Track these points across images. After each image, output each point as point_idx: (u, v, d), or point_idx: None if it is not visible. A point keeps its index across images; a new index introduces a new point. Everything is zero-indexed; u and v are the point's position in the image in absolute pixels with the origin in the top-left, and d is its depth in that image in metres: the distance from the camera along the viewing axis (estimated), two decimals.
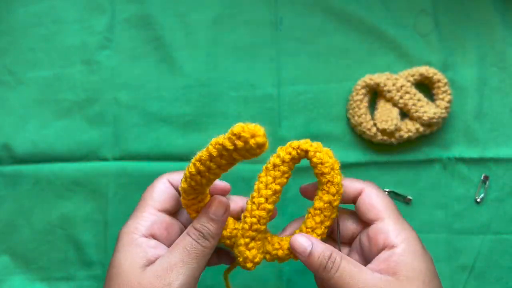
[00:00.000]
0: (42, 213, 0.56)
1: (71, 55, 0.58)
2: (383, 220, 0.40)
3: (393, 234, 0.39)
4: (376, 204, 0.41)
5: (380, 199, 0.41)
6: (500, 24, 0.58)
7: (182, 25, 0.59)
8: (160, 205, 0.42)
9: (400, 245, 0.38)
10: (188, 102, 0.58)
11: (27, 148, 0.57)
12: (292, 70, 0.58)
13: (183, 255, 0.38)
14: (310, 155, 0.42)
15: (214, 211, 0.40)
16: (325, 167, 0.41)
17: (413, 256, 0.38)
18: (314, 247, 0.39)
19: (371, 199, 0.41)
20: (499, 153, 0.57)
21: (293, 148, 0.42)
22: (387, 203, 0.41)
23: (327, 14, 0.59)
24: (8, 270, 0.56)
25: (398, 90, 0.55)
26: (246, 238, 0.41)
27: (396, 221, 0.40)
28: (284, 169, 0.42)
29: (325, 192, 0.42)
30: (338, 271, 0.38)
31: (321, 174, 0.42)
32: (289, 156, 0.42)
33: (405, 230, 0.39)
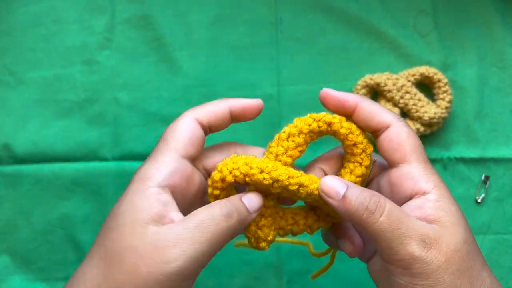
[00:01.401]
0: (42, 213, 0.56)
1: (71, 55, 0.58)
2: (410, 163, 0.35)
3: (423, 180, 0.34)
4: (404, 143, 0.35)
5: (410, 139, 0.35)
6: (500, 24, 0.58)
7: (182, 25, 0.59)
8: (185, 150, 0.35)
9: (432, 191, 0.34)
10: (188, 102, 0.58)
11: (27, 148, 0.57)
12: (292, 70, 0.58)
13: (195, 231, 0.31)
14: (336, 127, 0.37)
15: (253, 203, 0.35)
16: (356, 136, 0.37)
17: (448, 201, 0.34)
18: (350, 189, 0.34)
19: (399, 137, 0.35)
20: (499, 153, 0.57)
21: (314, 119, 0.37)
22: (418, 144, 0.35)
23: (327, 14, 0.59)
24: (8, 270, 0.56)
25: (398, 90, 0.55)
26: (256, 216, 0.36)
27: (424, 164, 0.35)
28: (299, 140, 0.37)
29: (357, 165, 0.38)
30: (385, 214, 0.32)
31: (353, 144, 0.37)
32: (308, 128, 0.37)
33: (434, 175, 0.35)
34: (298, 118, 0.38)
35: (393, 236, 0.32)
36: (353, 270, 0.56)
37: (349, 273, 0.56)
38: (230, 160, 0.35)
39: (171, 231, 0.31)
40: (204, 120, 0.37)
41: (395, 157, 0.35)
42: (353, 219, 0.33)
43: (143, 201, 0.32)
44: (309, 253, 0.47)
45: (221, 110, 0.38)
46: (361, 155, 0.38)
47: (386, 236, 0.32)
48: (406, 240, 0.32)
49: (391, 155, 0.36)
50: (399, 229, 0.32)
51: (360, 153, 0.38)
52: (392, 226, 0.32)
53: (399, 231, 0.32)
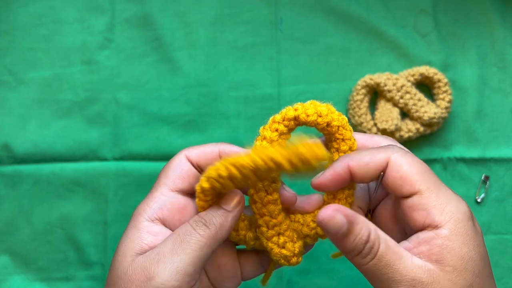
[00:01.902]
0: (42, 213, 0.56)
1: (71, 55, 0.58)
2: (421, 194, 0.32)
3: (436, 212, 0.31)
4: (408, 174, 0.32)
5: (413, 168, 0.32)
6: (500, 24, 0.58)
7: (182, 25, 0.59)
8: (174, 184, 0.36)
9: (445, 226, 0.31)
10: (188, 102, 0.58)
11: (27, 148, 0.57)
12: (292, 70, 0.58)
13: (174, 244, 0.33)
14: (302, 118, 0.36)
15: (225, 201, 0.35)
16: (326, 116, 0.36)
17: (461, 240, 0.31)
18: (350, 225, 0.31)
19: (400, 170, 0.32)
20: (500, 153, 0.57)
21: (278, 122, 0.37)
22: (422, 170, 0.33)
23: (327, 14, 0.59)
24: (8, 270, 0.56)
25: (398, 90, 0.55)
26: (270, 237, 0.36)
27: (437, 191, 0.32)
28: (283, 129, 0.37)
29: (334, 151, 0.36)
30: (375, 258, 0.31)
31: (327, 125, 0.36)
32: (277, 133, 0.36)
33: (450, 204, 0.32)
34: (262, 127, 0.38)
35: (380, 280, 0.31)
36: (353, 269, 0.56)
37: (349, 273, 0.56)
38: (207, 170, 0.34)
39: (153, 251, 0.33)
40: (194, 158, 0.38)
41: (404, 192, 0.33)
42: (345, 254, 0.33)
43: (135, 234, 0.35)
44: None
45: (212, 154, 0.38)
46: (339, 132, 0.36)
47: (373, 279, 0.32)
48: (393, 285, 0.31)
49: (400, 191, 0.33)
50: (387, 274, 0.31)
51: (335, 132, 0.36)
52: (381, 270, 0.31)
53: (387, 276, 0.31)
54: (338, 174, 0.34)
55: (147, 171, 0.56)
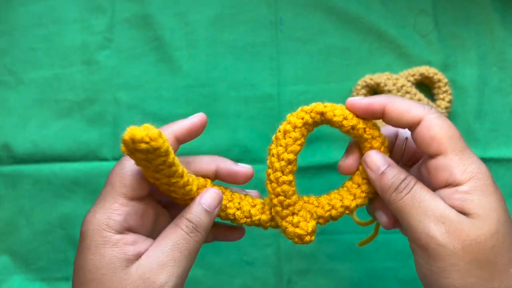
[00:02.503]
0: (42, 213, 0.56)
1: (71, 55, 0.58)
2: (446, 155, 0.34)
3: (458, 171, 0.33)
4: (437, 136, 0.34)
5: (444, 130, 0.34)
6: (500, 24, 0.58)
7: (182, 25, 0.59)
8: (133, 192, 0.35)
9: (466, 183, 0.33)
10: (188, 102, 0.58)
11: (27, 148, 0.57)
12: (292, 70, 0.58)
13: (174, 252, 0.33)
14: (329, 116, 0.37)
15: (209, 203, 0.36)
16: (351, 119, 0.37)
17: (480, 194, 0.33)
18: (389, 168, 0.36)
19: (431, 130, 0.34)
20: (500, 153, 0.57)
21: (305, 112, 0.38)
22: (452, 133, 0.35)
23: (327, 14, 0.59)
24: (8, 270, 0.56)
25: (398, 90, 0.55)
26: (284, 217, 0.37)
27: (461, 155, 0.34)
28: (296, 135, 0.38)
29: (368, 149, 0.38)
30: (410, 193, 0.34)
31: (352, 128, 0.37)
32: (302, 121, 0.38)
33: (472, 165, 0.34)
34: (290, 114, 0.39)
35: (413, 213, 0.33)
36: (353, 270, 0.56)
37: (349, 273, 0.56)
38: None
39: (151, 260, 0.33)
40: None
41: (431, 151, 0.35)
42: (383, 194, 0.36)
43: (112, 250, 0.33)
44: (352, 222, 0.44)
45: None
46: (366, 133, 0.38)
47: (406, 213, 0.34)
48: (425, 219, 0.33)
49: (427, 149, 0.35)
50: (420, 208, 0.33)
51: (363, 133, 0.38)
52: (414, 204, 0.34)
53: (419, 210, 0.33)
54: (372, 106, 0.37)
55: None
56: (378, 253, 0.56)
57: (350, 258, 0.56)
